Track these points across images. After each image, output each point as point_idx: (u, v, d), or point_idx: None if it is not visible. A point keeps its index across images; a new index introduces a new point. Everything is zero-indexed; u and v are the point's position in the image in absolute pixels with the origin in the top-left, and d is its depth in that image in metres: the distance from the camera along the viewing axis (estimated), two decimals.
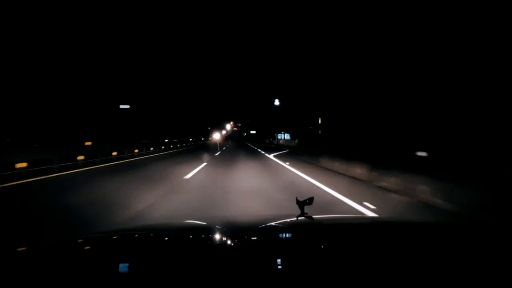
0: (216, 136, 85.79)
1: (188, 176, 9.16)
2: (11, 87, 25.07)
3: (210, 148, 32.48)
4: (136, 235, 1.50)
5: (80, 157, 12.94)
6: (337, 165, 11.20)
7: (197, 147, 33.60)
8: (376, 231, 1.58)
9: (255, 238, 1.42)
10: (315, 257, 1.07)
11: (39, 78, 27.68)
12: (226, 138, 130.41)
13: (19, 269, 0.93)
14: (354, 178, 9.05)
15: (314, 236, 1.42)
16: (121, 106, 35.31)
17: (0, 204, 5.75)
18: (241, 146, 39.35)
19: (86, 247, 1.25)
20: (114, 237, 1.44)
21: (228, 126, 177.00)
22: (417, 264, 0.98)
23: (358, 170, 9.28)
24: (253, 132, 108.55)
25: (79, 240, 1.35)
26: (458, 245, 1.23)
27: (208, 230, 1.60)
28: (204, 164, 13.13)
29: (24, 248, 1.17)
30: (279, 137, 60.34)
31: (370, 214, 4.85)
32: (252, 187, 7.31)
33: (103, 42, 35.91)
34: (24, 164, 9.66)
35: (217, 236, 1.46)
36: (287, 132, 56.40)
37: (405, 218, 3.48)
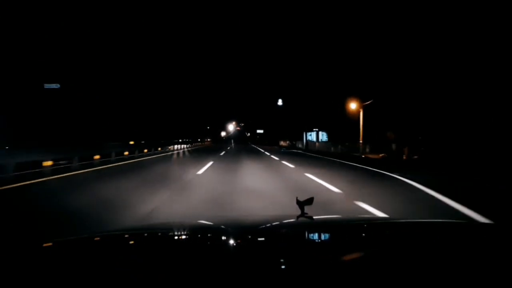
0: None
1: None
2: None
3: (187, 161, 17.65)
4: (140, 235, 1.50)
5: None
6: None
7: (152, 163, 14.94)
8: (376, 231, 1.55)
9: (256, 238, 1.40)
10: (316, 257, 1.05)
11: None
12: (228, 139, 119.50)
13: (19, 270, 0.91)
14: None
15: (315, 237, 1.44)
16: (49, 88, 26.15)
17: None
18: (249, 155, 24.15)
19: (89, 247, 1.22)
20: (118, 237, 1.42)
21: (231, 126, 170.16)
22: (418, 264, 0.95)
23: None
24: (259, 131, 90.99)
25: (82, 240, 1.36)
26: (460, 245, 1.21)
27: (209, 230, 1.60)
28: None
29: (24, 249, 1.19)
30: (309, 138, 38.48)
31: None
32: None
33: (103, 40, 33.61)
34: None
35: (218, 236, 1.48)
36: (323, 130, 36.18)
37: (405, 218, 3.48)
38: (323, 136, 35.76)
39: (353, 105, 22.11)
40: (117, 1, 38.72)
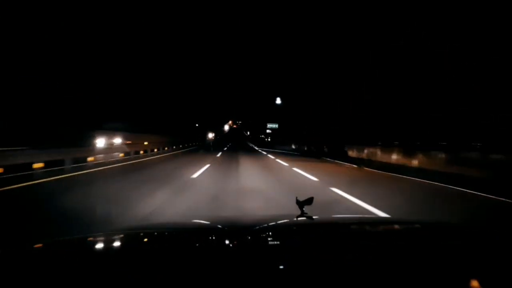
0: None
1: None
2: None
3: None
4: (138, 235, 1.52)
5: None
6: None
7: None
8: (376, 231, 1.58)
9: (255, 238, 1.41)
10: (315, 257, 1.06)
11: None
12: (224, 137, 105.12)
13: (19, 269, 0.92)
14: None
15: (314, 236, 1.44)
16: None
17: None
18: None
19: (90, 247, 1.27)
20: (117, 236, 1.45)
21: (226, 126, 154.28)
22: (417, 264, 0.97)
23: None
24: (272, 126, 65.54)
25: (83, 239, 1.40)
26: (459, 246, 1.22)
27: (209, 230, 1.62)
28: None
29: (25, 248, 1.21)
30: None
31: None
32: None
33: (102, 40, 31.62)
34: None
35: (218, 237, 1.47)
36: None
37: (405, 218, 3.53)
38: None
39: None
40: (117, 0, 35.80)
